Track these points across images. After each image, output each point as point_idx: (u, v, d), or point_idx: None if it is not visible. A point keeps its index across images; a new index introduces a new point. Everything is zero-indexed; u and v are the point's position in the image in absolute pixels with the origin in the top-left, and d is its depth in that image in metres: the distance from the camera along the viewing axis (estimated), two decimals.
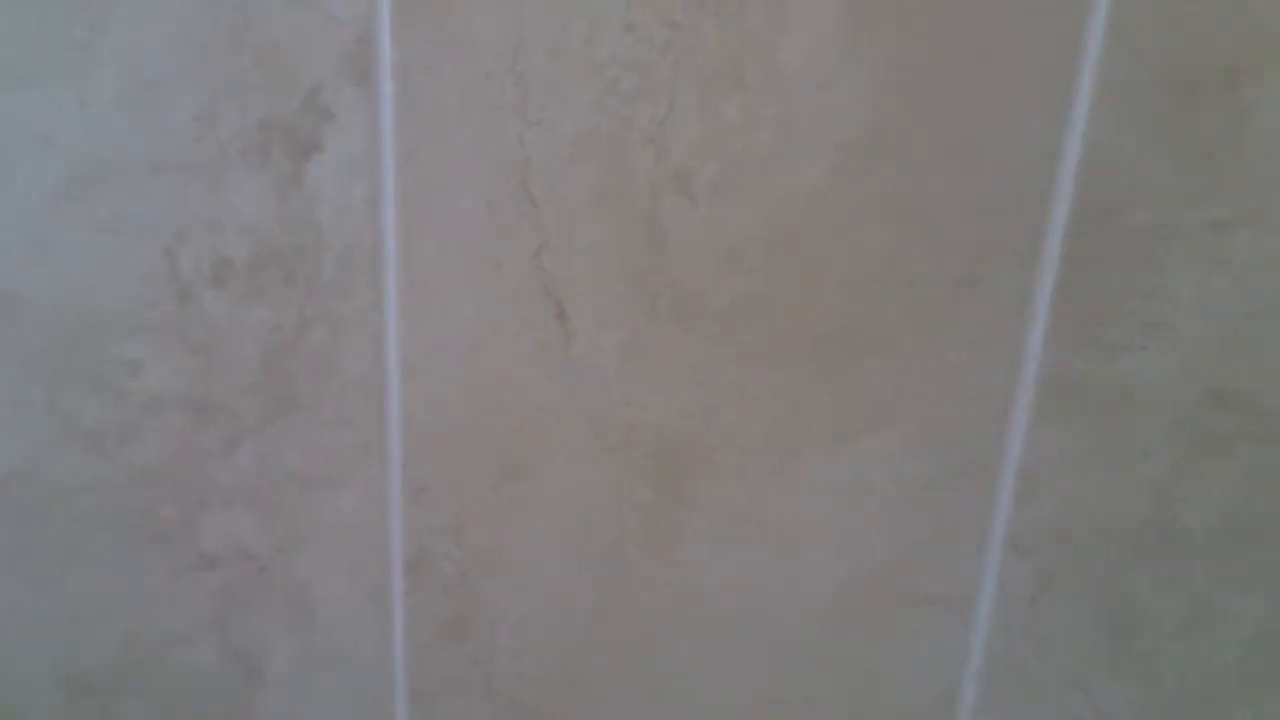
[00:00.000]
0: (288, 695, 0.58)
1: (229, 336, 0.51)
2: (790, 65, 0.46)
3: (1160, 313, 0.50)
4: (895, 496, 0.53)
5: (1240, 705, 0.56)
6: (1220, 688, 0.56)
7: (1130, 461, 0.52)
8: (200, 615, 0.57)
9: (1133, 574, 0.54)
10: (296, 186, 0.49)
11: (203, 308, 0.51)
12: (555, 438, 0.52)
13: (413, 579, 0.56)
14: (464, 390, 0.52)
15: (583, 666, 0.57)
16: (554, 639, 0.57)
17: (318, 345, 0.51)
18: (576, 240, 0.49)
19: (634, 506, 0.54)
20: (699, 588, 0.55)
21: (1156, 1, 0.46)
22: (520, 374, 0.51)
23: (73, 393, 0.52)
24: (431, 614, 0.56)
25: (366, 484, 0.54)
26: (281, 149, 0.48)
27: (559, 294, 0.50)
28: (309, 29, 0.46)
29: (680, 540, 0.54)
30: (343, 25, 0.46)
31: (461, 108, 0.47)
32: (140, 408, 0.52)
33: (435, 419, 0.52)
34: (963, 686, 0.56)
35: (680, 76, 0.47)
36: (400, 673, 0.58)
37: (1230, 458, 0.52)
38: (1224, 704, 0.56)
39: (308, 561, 0.56)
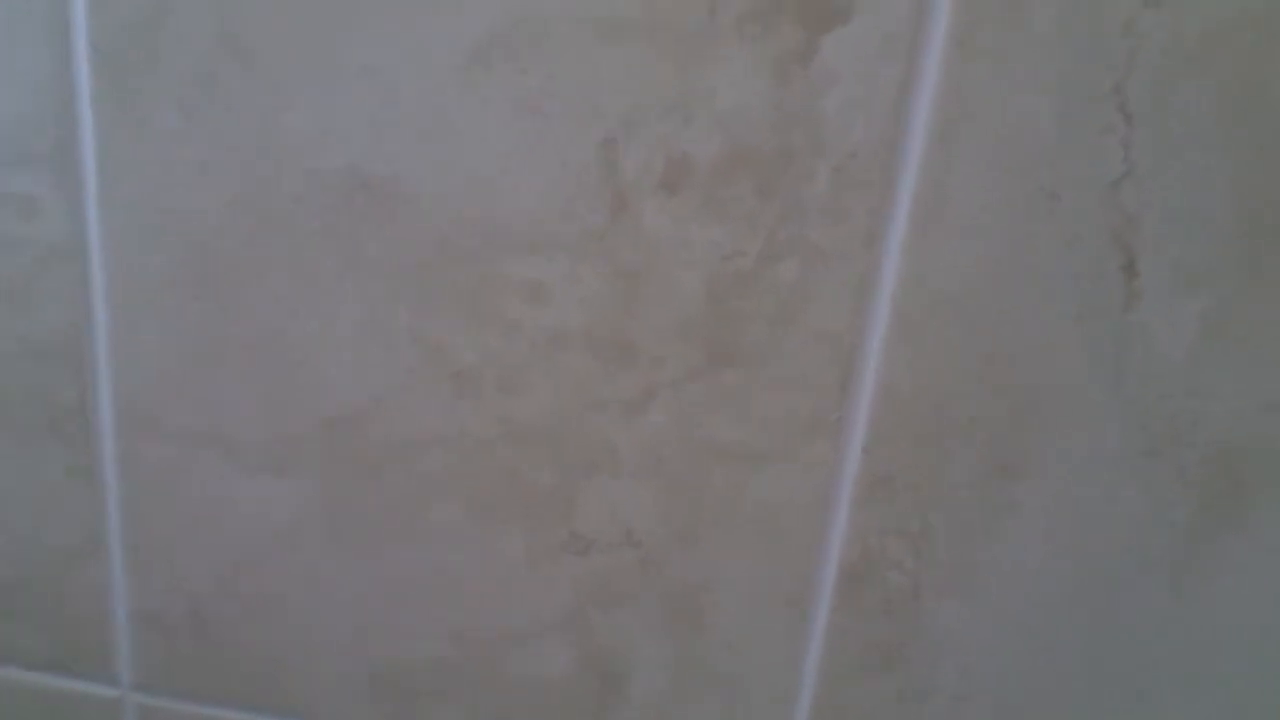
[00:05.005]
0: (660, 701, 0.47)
1: (667, 261, 0.39)
2: None
3: None
4: None
5: None
6: None
7: None
8: (565, 605, 0.46)
9: None
10: (801, 66, 0.36)
11: (641, 221, 0.39)
12: (1077, 428, 0.40)
13: (844, 596, 0.44)
14: (960, 357, 0.39)
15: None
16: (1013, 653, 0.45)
17: (782, 283, 0.39)
18: (1173, 172, 0.36)
19: (1167, 526, 0.41)
20: (1216, 630, 0.42)
21: None
22: (1049, 339, 0.39)
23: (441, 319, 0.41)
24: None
25: (811, 466, 0.42)
26: (793, 16, 0.36)
27: (1131, 240, 0.37)
28: None
29: (1214, 574, 0.41)
30: None
31: None
32: (534, 345, 0.41)
33: (914, 392, 0.40)
34: None
35: None
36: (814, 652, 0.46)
37: None
38: None
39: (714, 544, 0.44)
